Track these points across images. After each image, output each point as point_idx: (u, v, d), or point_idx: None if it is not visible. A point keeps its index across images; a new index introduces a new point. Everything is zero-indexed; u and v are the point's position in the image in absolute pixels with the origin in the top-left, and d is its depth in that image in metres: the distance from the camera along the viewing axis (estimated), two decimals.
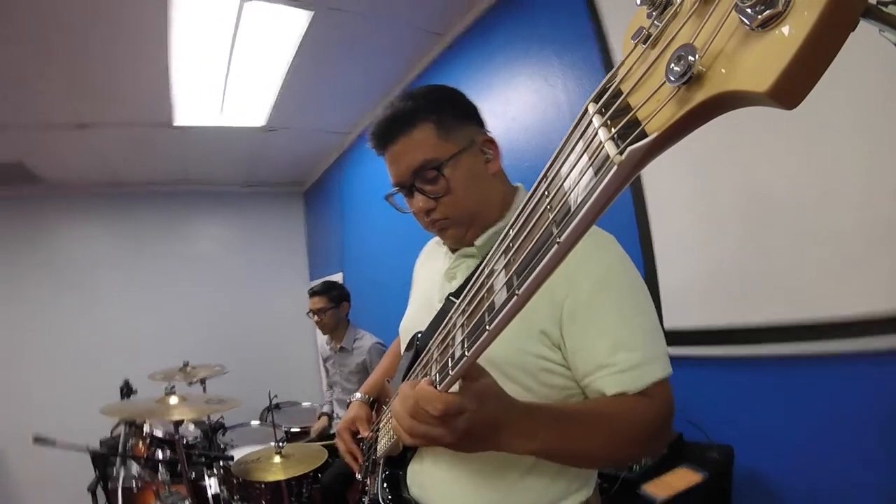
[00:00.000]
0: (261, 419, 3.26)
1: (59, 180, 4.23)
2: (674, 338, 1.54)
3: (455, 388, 0.58)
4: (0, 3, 2.11)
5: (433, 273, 1.03)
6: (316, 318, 3.02)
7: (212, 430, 2.81)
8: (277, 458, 2.10)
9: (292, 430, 2.97)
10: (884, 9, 0.25)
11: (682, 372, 1.53)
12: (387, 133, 0.87)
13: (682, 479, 1.23)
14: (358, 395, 1.18)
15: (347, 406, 1.20)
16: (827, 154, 1.21)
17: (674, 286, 1.61)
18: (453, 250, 0.97)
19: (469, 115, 0.92)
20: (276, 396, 2.43)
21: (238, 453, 2.28)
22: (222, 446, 2.66)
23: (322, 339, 3.29)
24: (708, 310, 1.51)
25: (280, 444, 2.14)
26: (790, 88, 0.22)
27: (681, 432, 1.44)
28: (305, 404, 3.63)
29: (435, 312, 0.91)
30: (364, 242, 4.03)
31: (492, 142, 0.92)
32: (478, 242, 0.89)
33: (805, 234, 1.27)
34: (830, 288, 1.22)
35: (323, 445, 2.18)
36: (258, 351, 4.70)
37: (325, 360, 3.26)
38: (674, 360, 0.76)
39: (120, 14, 2.30)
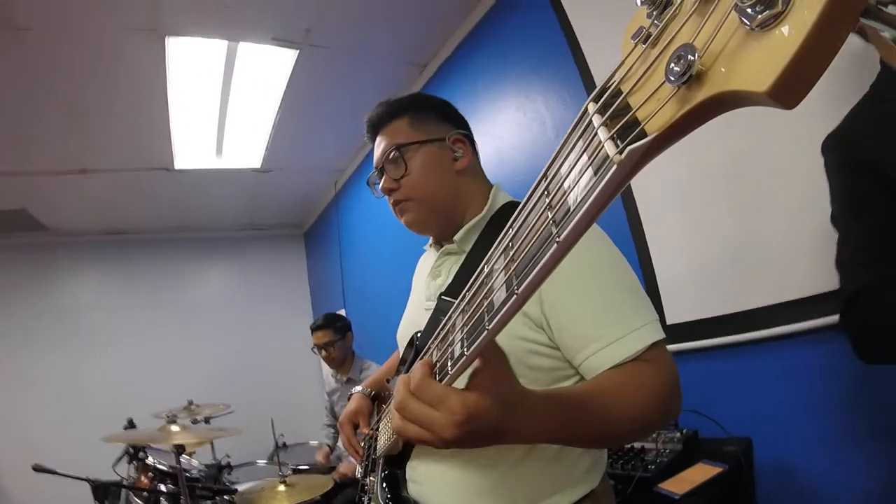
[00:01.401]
0: (269, 459, 3.20)
1: (63, 227, 4.29)
2: (678, 332, 1.55)
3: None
4: (3, 53, 2.17)
5: (422, 275, 1.08)
6: (324, 352, 2.96)
7: (218, 470, 2.76)
8: (282, 487, 2.07)
9: (300, 467, 2.91)
10: (884, 9, 0.26)
11: (691, 366, 1.54)
12: (375, 122, 1.01)
13: (701, 473, 1.21)
14: (359, 388, 1.18)
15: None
16: (812, 141, 1.22)
17: (672, 282, 1.61)
18: (439, 247, 1.02)
19: (446, 116, 1.02)
20: (282, 435, 2.40)
21: (241, 488, 2.24)
22: (228, 485, 2.61)
23: (327, 373, 3.25)
24: (708, 300, 1.51)
25: (284, 473, 2.11)
26: (790, 88, 0.22)
27: (696, 429, 1.41)
28: (313, 443, 3.56)
29: (424, 312, 0.94)
30: (364, 277, 4.05)
31: (463, 142, 0.99)
32: (456, 238, 0.95)
33: (796, 214, 1.28)
34: (825, 264, 1.21)
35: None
36: (264, 391, 4.66)
37: (330, 394, 3.21)
38: (681, 355, 0.74)
39: (119, 62, 2.37)
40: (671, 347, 0.75)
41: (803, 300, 1.28)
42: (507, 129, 2.33)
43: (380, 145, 0.99)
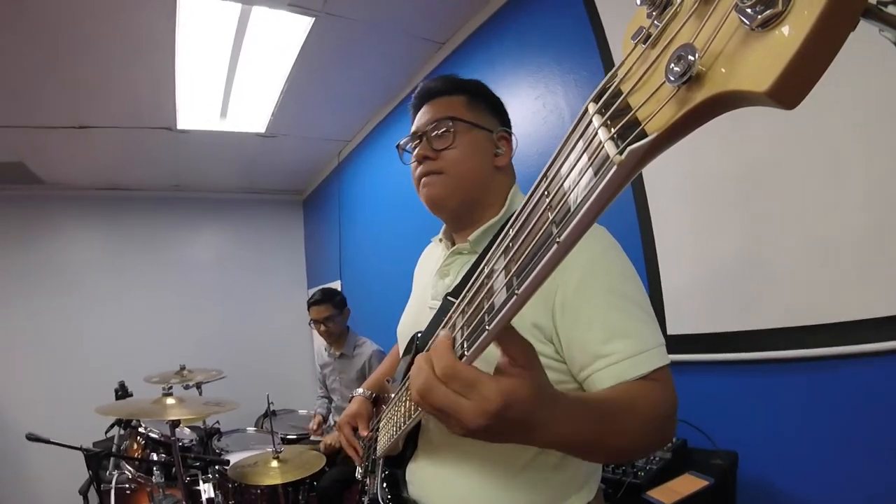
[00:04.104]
0: (256, 425, 3.24)
1: (59, 182, 4.25)
2: (678, 344, 1.55)
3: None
4: (4, 5, 2.13)
5: (427, 273, 1.06)
6: (322, 327, 2.97)
7: (207, 435, 2.79)
8: (275, 463, 2.09)
9: (289, 436, 2.95)
10: (884, 9, 0.25)
11: (687, 378, 1.55)
12: (431, 90, 1.00)
13: (687, 484, 1.22)
14: (360, 390, 1.19)
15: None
16: (829, 159, 1.21)
17: (677, 293, 1.61)
18: (450, 244, 1.01)
19: (498, 110, 1.03)
20: (272, 403, 2.43)
21: (233, 458, 2.27)
22: (217, 451, 2.64)
23: (318, 345, 3.26)
24: (711, 316, 1.51)
25: (278, 449, 2.14)
26: (790, 88, 0.22)
27: (685, 438, 1.43)
28: (302, 412, 3.61)
29: (428, 311, 0.93)
30: (362, 251, 4.05)
31: (507, 140, 1.00)
32: (471, 238, 0.93)
33: (807, 239, 1.27)
34: (832, 292, 1.23)
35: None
36: (255, 357, 4.68)
37: (322, 367, 3.23)
38: (678, 367, 0.74)
39: (126, 17, 2.32)
40: (669, 358, 0.75)
41: (806, 328, 1.28)
42: (523, 117, 2.29)
43: (427, 113, 0.98)
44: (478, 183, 0.94)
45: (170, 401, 1.96)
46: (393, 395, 0.90)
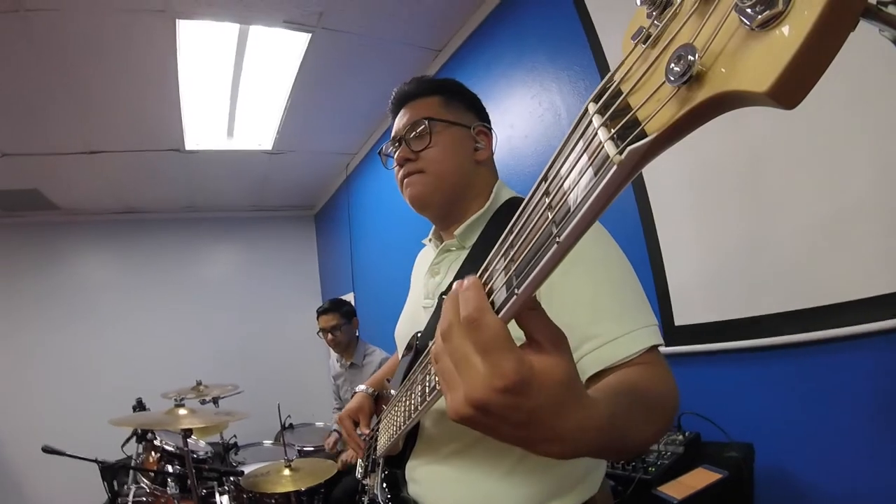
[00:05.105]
0: (275, 440, 3.25)
1: (73, 206, 4.32)
2: (687, 335, 1.54)
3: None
4: (13, 34, 2.17)
5: (421, 272, 1.07)
6: (330, 336, 3.01)
7: (224, 450, 2.81)
8: (287, 472, 2.10)
9: (306, 448, 2.95)
10: (884, 9, 0.25)
11: (698, 369, 1.55)
12: (406, 94, 1.01)
13: (700, 478, 1.20)
14: (362, 387, 1.19)
15: None
16: (830, 144, 1.21)
17: (683, 284, 1.60)
18: (439, 243, 1.01)
19: (473, 106, 1.04)
20: (289, 416, 2.43)
21: (248, 471, 2.28)
22: (235, 465, 2.65)
23: (333, 357, 3.30)
24: (718, 304, 1.50)
25: (290, 458, 2.14)
26: (790, 88, 0.22)
27: (698, 432, 1.40)
28: (319, 424, 3.62)
29: (422, 311, 0.94)
30: (374, 261, 4.07)
31: (486, 134, 1.01)
32: (457, 233, 0.94)
33: (811, 220, 1.26)
34: (838, 272, 1.21)
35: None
36: (272, 372, 4.71)
37: (335, 378, 3.26)
38: (688, 358, 0.72)
39: (128, 44, 2.37)
40: (678, 350, 0.74)
41: (814, 310, 1.26)
42: (521, 117, 2.31)
43: (405, 116, 0.99)
44: (460, 179, 0.95)
45: (182, 411, 1.98)
46: (393, 395, 0.90)
